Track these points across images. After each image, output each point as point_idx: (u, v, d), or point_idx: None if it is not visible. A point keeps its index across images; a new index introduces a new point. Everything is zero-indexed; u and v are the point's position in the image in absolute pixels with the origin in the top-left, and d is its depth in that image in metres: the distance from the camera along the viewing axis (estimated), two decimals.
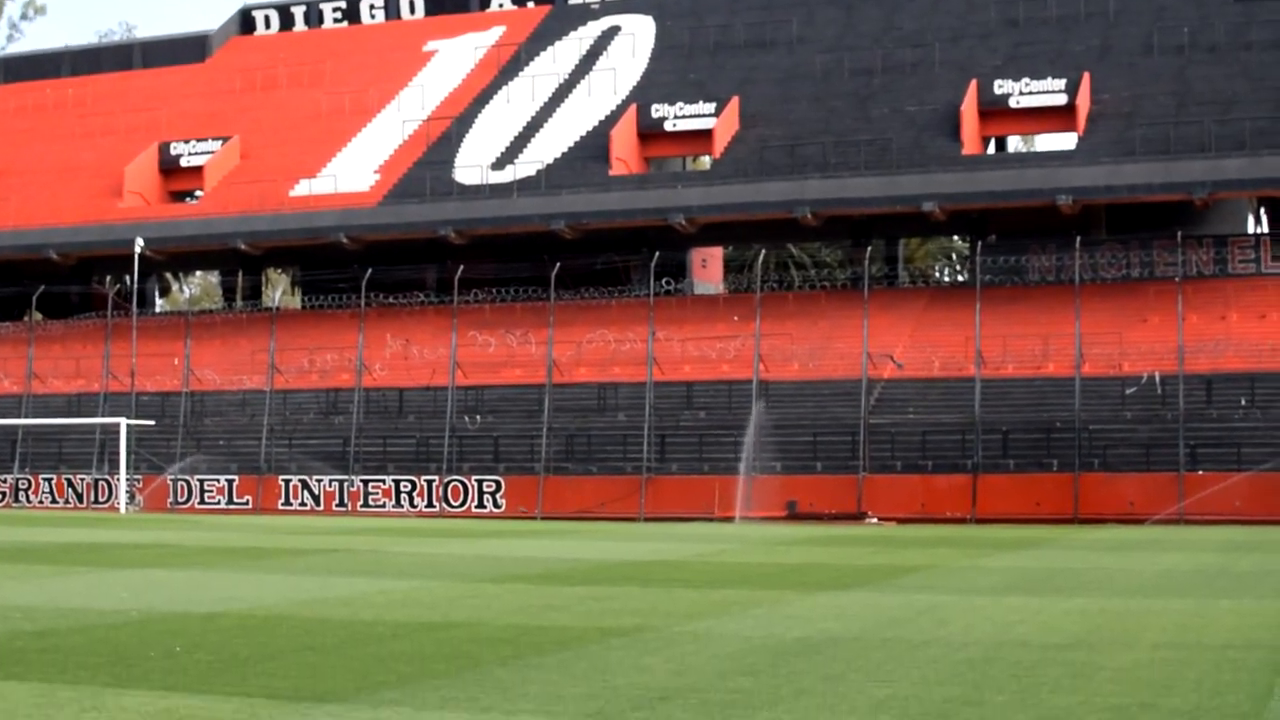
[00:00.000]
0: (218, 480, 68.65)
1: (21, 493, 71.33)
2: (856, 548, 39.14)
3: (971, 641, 18.08)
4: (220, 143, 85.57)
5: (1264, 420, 58.15)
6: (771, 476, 60.60)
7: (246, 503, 67.66)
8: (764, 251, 73.38)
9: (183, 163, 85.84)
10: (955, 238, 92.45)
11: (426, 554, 36.54)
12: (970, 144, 72.23)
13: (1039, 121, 76.59)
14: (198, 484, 68.73)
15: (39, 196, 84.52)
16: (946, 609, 22.16)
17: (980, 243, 71.12)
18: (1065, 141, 78.18)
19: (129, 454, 68.91)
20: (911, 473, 59.60)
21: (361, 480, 66.21)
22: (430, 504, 64.88)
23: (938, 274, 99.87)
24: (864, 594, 24.90)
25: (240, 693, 14.29)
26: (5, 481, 71.67)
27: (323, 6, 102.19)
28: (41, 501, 70.75)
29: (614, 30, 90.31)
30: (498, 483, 64.40)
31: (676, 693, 14.09)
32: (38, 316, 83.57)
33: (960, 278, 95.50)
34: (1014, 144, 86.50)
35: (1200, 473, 55.30)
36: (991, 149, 78.30)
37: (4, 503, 70.85)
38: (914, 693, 14.30)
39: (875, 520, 56.54)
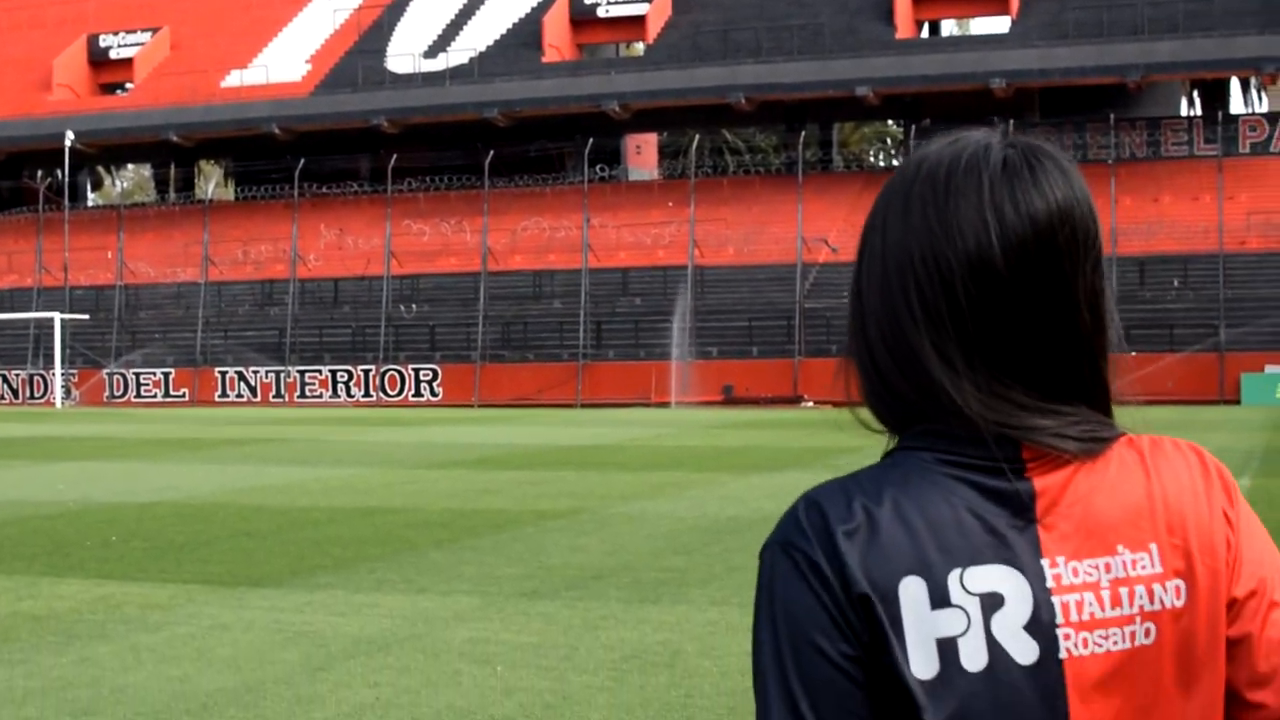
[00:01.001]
0: (154, 374, 68.45)
1: None
2: (792, 430, 39.36)
3: None
4: (150, 34, 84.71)
5: (1195, 302, 58.55)
6: (708, 362, 60.80)
7: (183, 395, 67.52)
8: (698, 137, 73.18)
9: (112, 54, 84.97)
10: (889, 122, 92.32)
11: (363, 442, 36.64)
12: (904, 28, 72.08)
13: (972, 5, 76.45)
14: (134, 378, 68.53)
15: None
16: None
17: (914, 127, 71.09)
18: (999, 25, 78.05)
19: (64, 349, 68.64)
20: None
21: (298, 371, 66.14)
22: (367, 394, 64.89)
23: (872, 158, 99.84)
24: (798, 474, 25.09)
25: (176, 579, 14.39)
26: None
27: None
28: None
29: None
30: (434, 371, 64.45)
31: (610, 571, 14.24)
32: None
33: (894, 162, 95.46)
34: (948, 28, 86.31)
35: (1133, 354, 55.44)
36: (925, 33, 78.15)
37: None
38: None
39: (811, 404, 56.80)
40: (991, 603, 1.76)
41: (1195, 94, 77.39)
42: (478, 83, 73.93)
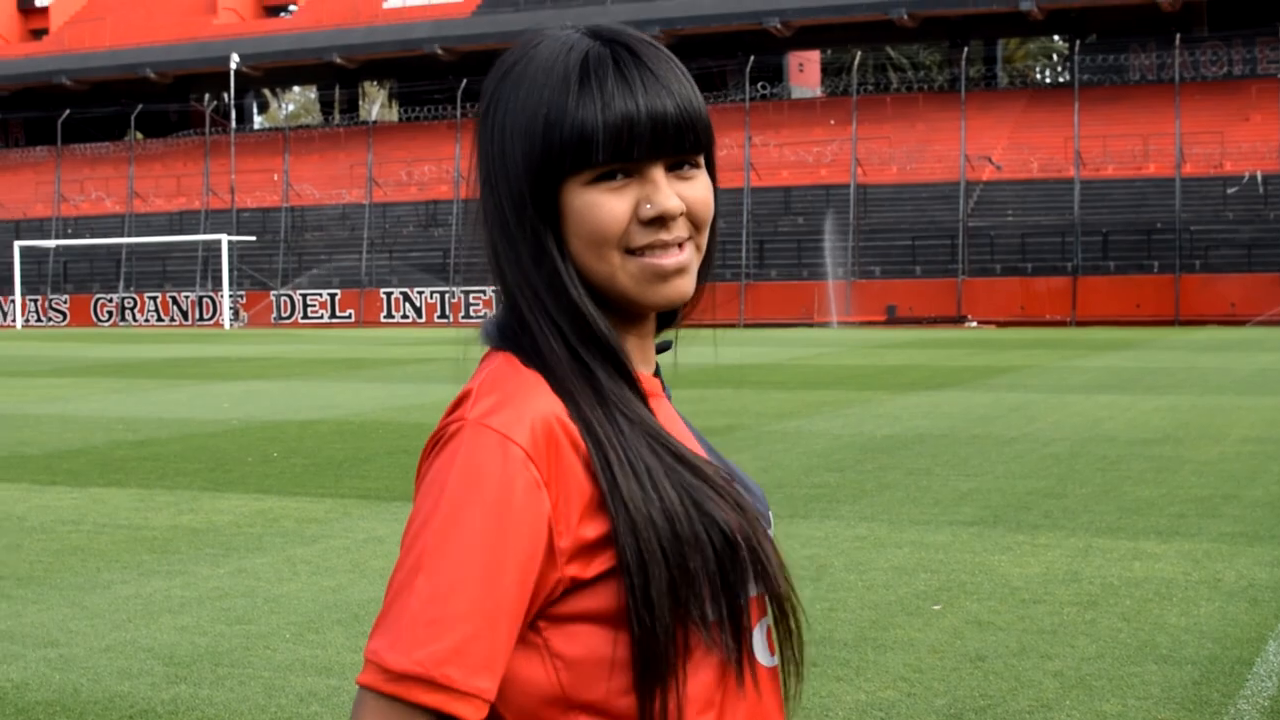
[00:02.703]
0: (320, 295, 69.18)
1: (128, 311, 72.11)
2: (953, 350, 39.16)
3: (1059, 438, 18.16)
4: None
5: None
6: (871, 281, 60.53)
7: (349, 316, 68.20)
8: (860, 54, 72.68)
9: None
10: (1055, 37, 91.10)
11: None
12: None
13: None
14: (300, 299, 69.31)
15: (134, 16, 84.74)
16: (1037, 407, 22.22)
17: (1079, 42, 70.16)
18: None
19: (231, 271, 69.55)
20: (1011, 275, 59.28)
21: (462, 292, 66.52)
22: None
23: (1037, 74, 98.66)
24: (956, 393, 24.98)
25: (333, 494, 14.60)
26: (112, 301, 72.43)
27: None
28: (148, 320, 71.51)
29: None
30: None
31: (763, 487, 14.24)
32: (137, 136, 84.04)
33: (1060, 79, 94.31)
34: None
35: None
36: None
37: (111, 321, 71.68)
38: (998, 485, 14.42)
39: (975, 323, 56.42)
40: None
41: None
42: (640, 1, 73.79)
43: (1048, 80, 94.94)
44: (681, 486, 1.92)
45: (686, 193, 2.00)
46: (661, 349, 2.24)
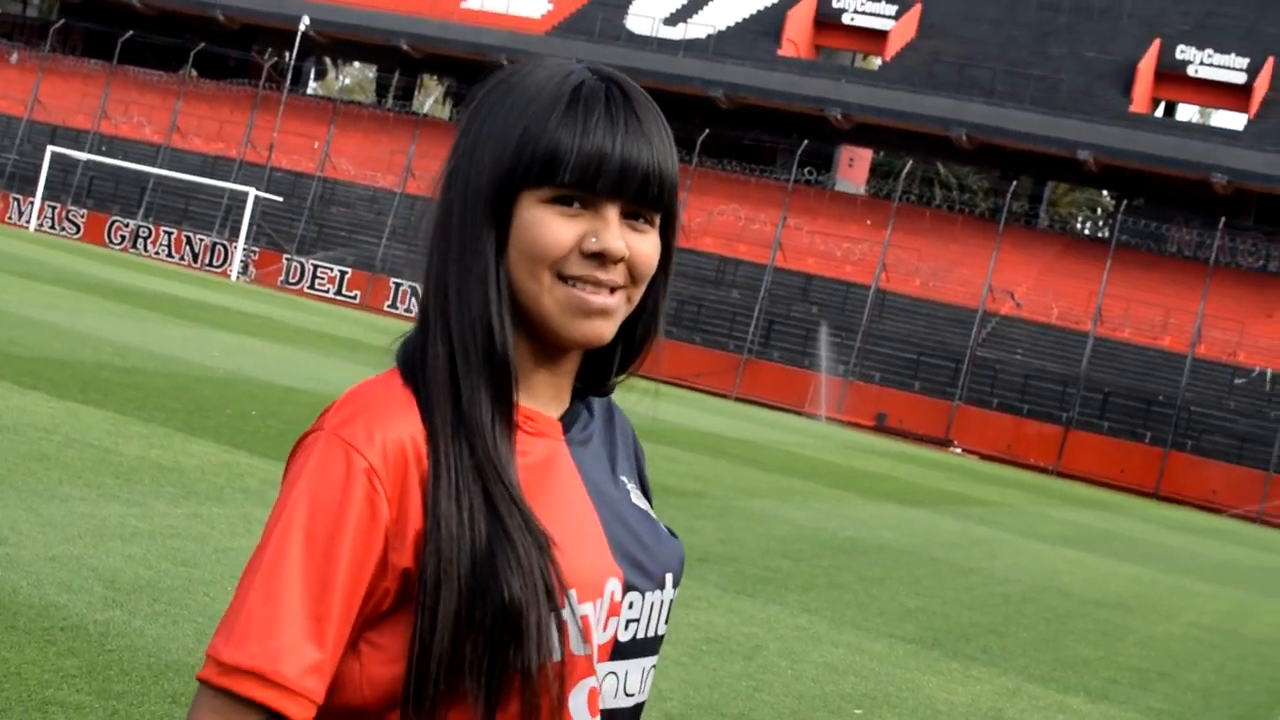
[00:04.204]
0: (331, 270, 69.31)
1: (141, 240, 72.15)
2: (934, 470, 39.29)
3: (1015, 579, 18.29)
4: None
5: None
6: (868, 385, 60.68)
7: (355, 297, 68.30)
8: (911, 163, 72.99)
9: None
10: (1104, 192, 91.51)
11: None
12: (1139, 102, 71.39)
13: (1213, 95, 75.50)
14: (311, 269, 69.42)
15: None
16: (1001, 545, 22.36)
17: (1127, 202, 70.45)
18: (1234, 120, 77.12)
19: (252, 225, 69.67)
20: (1006, 412, 59.42)
21: None
22: None
23: (1078, 224, 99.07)
24: (926, 513, 25.11)
25: None
26: (128, 226, 72.52)
27: None
28: (158, 254, 71.55)
29: None
30: None
31: (716, 558, 14.39)
32: (192, 72, 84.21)
33: (1100, 233, 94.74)
34: (1183, 113, 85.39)
35: None
36: (1160, 112, 77.41)
37: (122, 246, 71.73)
38: (944, 611, 14.55)
39: (959, 450, 56.57)
40: None
41: None
42: (710, 60, 74.09)
43: (1087, 232, 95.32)
44: (492, 533, 1.97)
45: (634, 243, 2.07)
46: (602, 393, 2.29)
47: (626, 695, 2.14)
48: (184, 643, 7.73)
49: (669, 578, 2.20)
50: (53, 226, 72.39)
